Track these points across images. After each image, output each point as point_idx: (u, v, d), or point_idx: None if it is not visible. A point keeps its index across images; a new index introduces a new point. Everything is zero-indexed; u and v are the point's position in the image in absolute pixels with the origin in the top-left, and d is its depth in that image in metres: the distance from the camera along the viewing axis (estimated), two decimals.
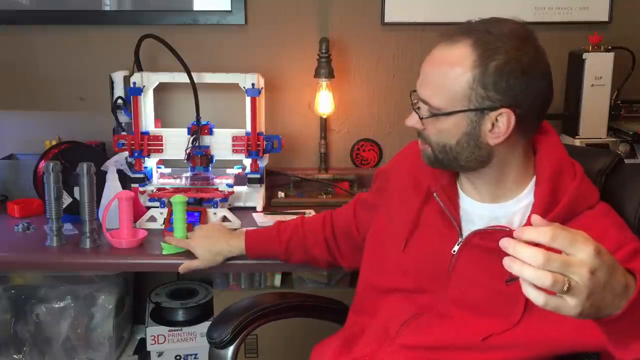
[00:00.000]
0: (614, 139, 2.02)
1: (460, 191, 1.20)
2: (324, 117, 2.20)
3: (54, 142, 2.04)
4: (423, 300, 1.18)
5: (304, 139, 2.27)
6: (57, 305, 2.07)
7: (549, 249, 0.75)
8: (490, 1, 2.16)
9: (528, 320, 1.07)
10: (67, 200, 1.82)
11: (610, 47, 2.03)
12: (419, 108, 1.12)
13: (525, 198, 1.13)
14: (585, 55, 2.01)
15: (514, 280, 1.04)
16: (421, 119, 1.11)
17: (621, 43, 2.10)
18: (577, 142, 2.02)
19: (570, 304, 0.76)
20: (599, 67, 2.01)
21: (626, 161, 1.94)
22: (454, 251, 1.15)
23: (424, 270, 1.18)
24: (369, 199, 1.42)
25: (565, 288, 0.74)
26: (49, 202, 1.66)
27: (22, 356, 2.09)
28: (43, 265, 1.79)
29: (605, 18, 2.18)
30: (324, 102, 2.15)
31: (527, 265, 0.75)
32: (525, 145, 1.13)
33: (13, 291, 2.07)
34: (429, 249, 1.19)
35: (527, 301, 1.04)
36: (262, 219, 1.82)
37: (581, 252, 0.75)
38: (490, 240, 1.10)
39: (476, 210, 1.16)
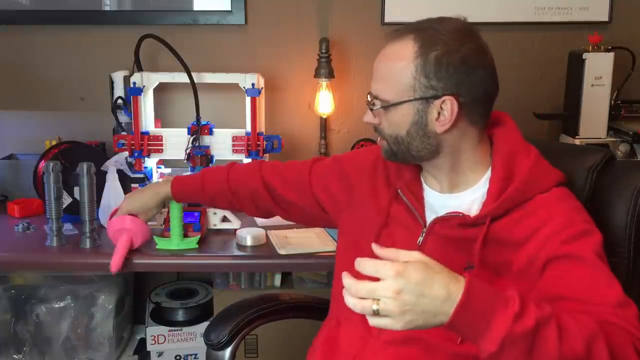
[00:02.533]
0: (614, 139, 2.02)
1: (424, 184, 1.24)
2: (324, 117, 2.20)
3: (54, 142, 2.04)
4: None
5: (304, 139, 2.27)
6: (57, 305, 2.06)
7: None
8: (491, 1, 2.16)
9: None
10: (67, 200, 1.82)
11: (610, 47, 2.03)
12: (373, 104, 1.17)
13: (483, 186, 1.16)
14: (585, 55, 2.01)
15: (472, 267, 1.09)
16: (371, 110, 1.17)
17: (621, 43, 2.11)
18: (577, 142, 2.02)
19: (389, 322, 0.86)
20: (599, 67, 2.01)
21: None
22: (419, 242, 1.18)
23: None
24: (333, 175, 1.40)
25: (374, 309, 0.85)
26: (49, 202, 1.66)
27: (22, 356, 2.08)
28: (43, 265, 1.79)
29: (605, 18, 2.18)
30: (324, 102, 2.15)
31: (349, 295, 0.88)
32: (478, 135, 1.17)
33: (13, 291, 2.07)
34: (398, 244, 1.19)
35: None
36: (263, 220, 1.82)
37: (385, 276, 0.86)
38: (447, 227, 1.15)
39: (438, 202, 1.20)
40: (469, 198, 1.17)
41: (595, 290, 0.99)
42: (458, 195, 1.18)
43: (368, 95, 1.19)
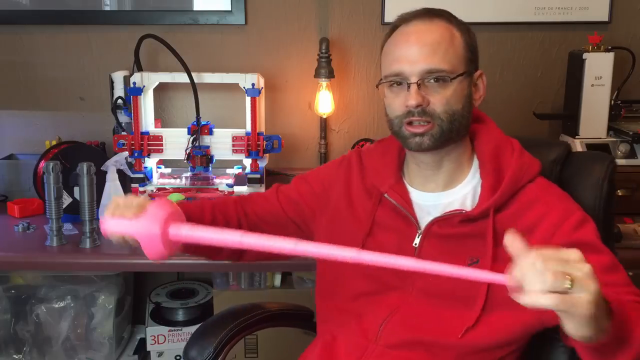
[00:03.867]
0: (614, 139, 2.02)
1: (409, 187, 1.23)
2: (324, 117, 2.20)
3: (54, 142, 2.04)
4: (393, 298, 1.19)
5: (304, 139, 2.27)
6: (57, 305, 2.06)
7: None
8: (491, 1, 2.16)
9: (494, 305, 1.11)
10: (67, 200, 1.82)
11: (610, 47, 2.02)
12: (421, 83, 1.12)
13: (471, 181, 1.19)
14: (585, 55, 2.01)
15: (475, 262, 1.11)
16: (450, 79, 1.11)
17: (621, 43, 2.10)
18: (577, 142, 2.02)
19: (583, 299, 0.78)
20: (599, 67, 2.01)
21: (626, 161, 1.97)
22: (416, 244, 1.18)
23: (390, 268, 1.18)
24: (299, 196, 1.34)
25: (568, 284, 0.77)
26: (49, 202, 1.66)
27: (22, 356, 2.09)
28: (43, 265, 1.79)
29: (605, 18, 2.18)
30: (324, 102, 2.15)
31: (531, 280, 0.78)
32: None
33: (13, 291, 2.07)
34: (388, 250, 1.18)
35: (489, 286, 1.10)
36: None
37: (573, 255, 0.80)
38: (448, 226, 1.15)
39: (429, 202, 1.20)
40: (460, 194, 1.19)
41: (609, 273, 1.03)
42: (449, 192, 1.19)
43: (396, 80, 1.13)
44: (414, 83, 1.11)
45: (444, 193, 1.20)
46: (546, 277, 0.77)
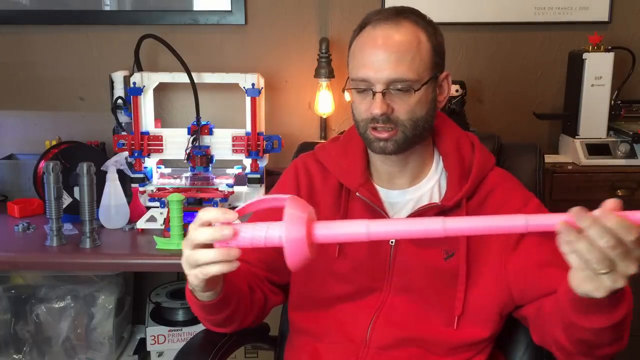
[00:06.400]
0: (614, 139, 2.02)
1: (377, 186, 1.23)
2: (324, 117, 2.20)
3: (54, 142, 2.04)
4: (372, 299, 1.18)
5: (304, 139, 2.26)
6: (57, 305, 2.06)
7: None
8: (491, 1, 2.16)
9: (475, 289, 1.14)
10: (67, 200, 1.82)
11: (610, 47, 2.03)
12: (386, 91, 1.11)
13: (434, 174, 1.23)
14: (585, 55, 2.01)
15: (451, 255, 1.14)
16: (415, 90, 1.11)
17: (621, 43, 2.11)
18: (577, 142, 2.02)
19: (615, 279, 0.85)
20: (599, 67, 2.01)
21: (626, 161, 1.97)
22: (392, 242, 1.18)
23: (365, 269, 1.19)
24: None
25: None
26: (49, 202, 1.66)
27: (22, 356, 2.08)
28: (43, 265, 1.79)
29: (605, 18, 2.18)
30: (324, 102, 2.15)
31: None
32: None
33: (13, 291, 2.06)
34: (364, 248, 1.18)
35: (469, 273, 1.13)
36: None
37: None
38: None
39: (398, 199, 1.22)
40: (427, 188, 1.21)
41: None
42: (415, 188, 1.21)
43: (363, 87, 1.14)
44: (379, 92, 1.11)
45: (411, 189, 1.22)
46: (590, 256, 0.82)
